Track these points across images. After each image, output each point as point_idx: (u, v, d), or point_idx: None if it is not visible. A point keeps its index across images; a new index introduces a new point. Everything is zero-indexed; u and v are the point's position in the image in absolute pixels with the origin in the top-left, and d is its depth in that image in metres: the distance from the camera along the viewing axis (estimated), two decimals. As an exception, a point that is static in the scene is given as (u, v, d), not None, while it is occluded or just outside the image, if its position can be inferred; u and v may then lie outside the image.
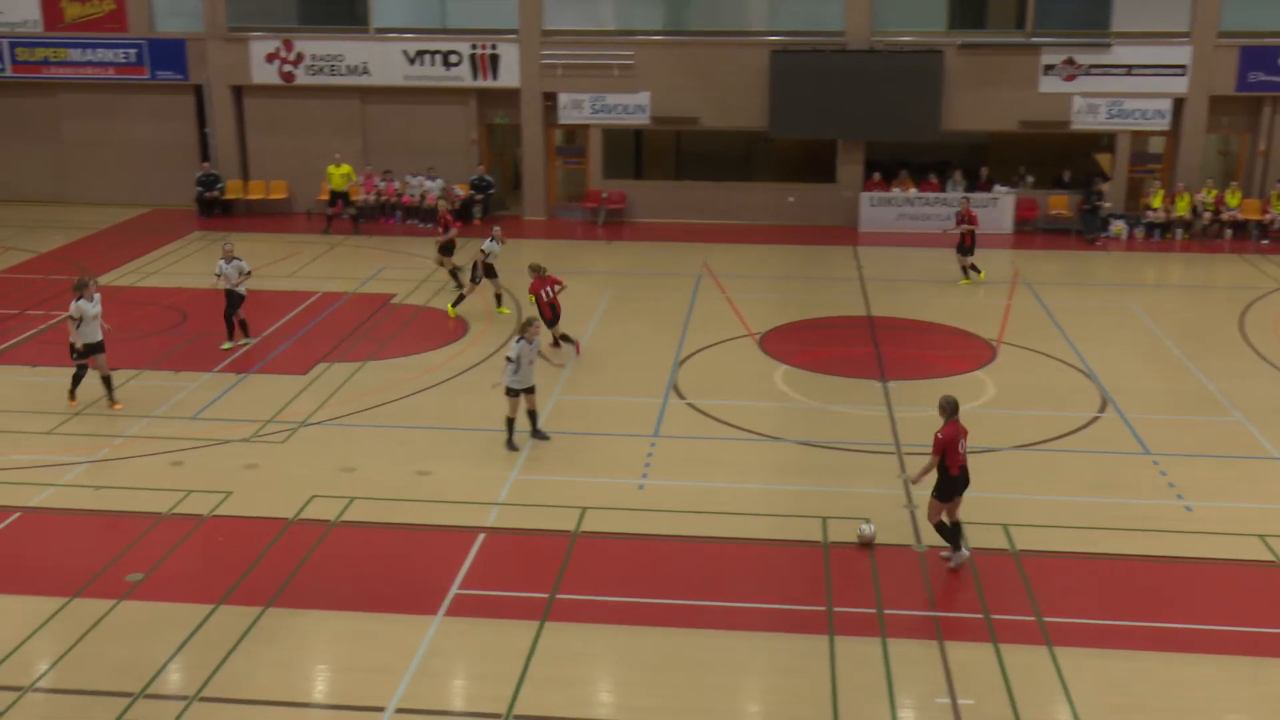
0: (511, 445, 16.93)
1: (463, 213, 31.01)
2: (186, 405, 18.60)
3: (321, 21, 32.25)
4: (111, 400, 18.47)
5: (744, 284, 25.41)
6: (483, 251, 22.92)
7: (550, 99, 31.21)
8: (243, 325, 21.27)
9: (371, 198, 31.50)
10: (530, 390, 17.08)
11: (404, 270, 26.55)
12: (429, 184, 31.26)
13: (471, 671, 11.90)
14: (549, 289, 20.68)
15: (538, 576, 13.47)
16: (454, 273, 24.52)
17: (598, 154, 31.66)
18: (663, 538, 14.39)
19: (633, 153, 33.06)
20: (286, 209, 32.51)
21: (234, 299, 21.01)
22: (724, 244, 28.83)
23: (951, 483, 13.26)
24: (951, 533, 13.53)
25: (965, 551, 13.55)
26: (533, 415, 17.28)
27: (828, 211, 31.15)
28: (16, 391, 19.21)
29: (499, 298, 23.35)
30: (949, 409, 13.32)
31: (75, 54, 32.45)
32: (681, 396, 18.95)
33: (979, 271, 25.64)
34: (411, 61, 31.26)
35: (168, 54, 32.21)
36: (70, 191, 33.24)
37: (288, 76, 31.70)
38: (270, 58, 31.61)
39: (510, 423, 16.99)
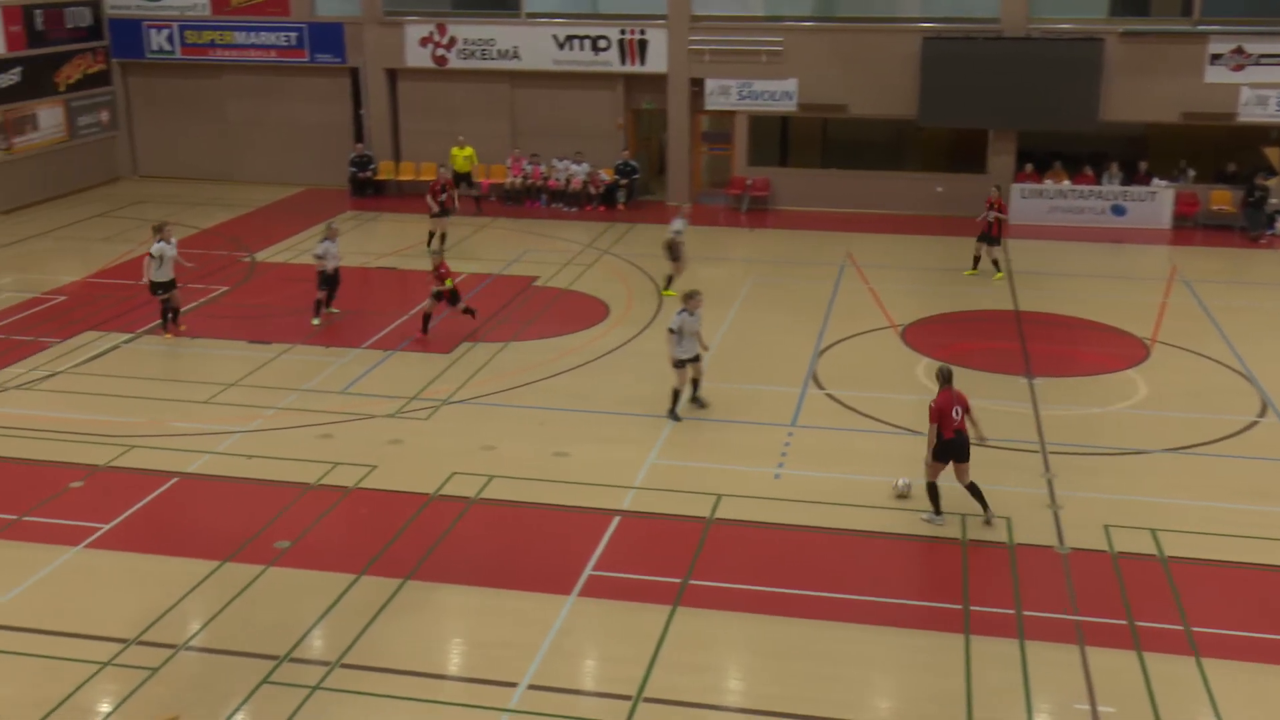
0: (674, 415, 17.34)
1: (608, 197, 31.22)
2: (336, 380, 19.14)
3: (474, 6, 32.76)
4: (177, 327, 21.18)
5: (887, 274, 25.05)
6: (675, 232, 23.25)
7: (697, 85, 31.18)
8: (321, 302, 22.02)
9: (518, 181, 31.91)
10: (696, 360, 17.56)
11: (548, 253, 26.85)
12: (575, 168, 31.54)
13: (603, 652, 12.02)
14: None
15: (671, 561, 13.53)
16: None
17: (743, 140, 31.52)
18: (797, 528, 14.31)
19: (778, 139, 32.83)
20: (436, 190, 33.12)
21: (325, 278, 21.82)
22: (868, 233, 28.46)
23: (945, 445, 13.96)
24: (935, 494, 14.19)
25: (942, 517, 14.17)
26: (695, 383, 17.76)
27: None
28: (178, 362, 20.00)
29: (670, 280, 23.41)
30: (943, 377, 14.23)
31: (240, 37, 33.57)
32: (820, 386, 18.79)
33: (998, 270, 24.89)
34: (561, 46, 31.54)
35: (326, 37, 33.10)
36: (234, 170, 34.43)
37: (440, 60, 32.29)
38: (424, 42, 32.22)
39: (676, 394, 17.44)
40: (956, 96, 29.31)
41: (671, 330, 17.14)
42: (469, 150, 31.02)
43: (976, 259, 25.11)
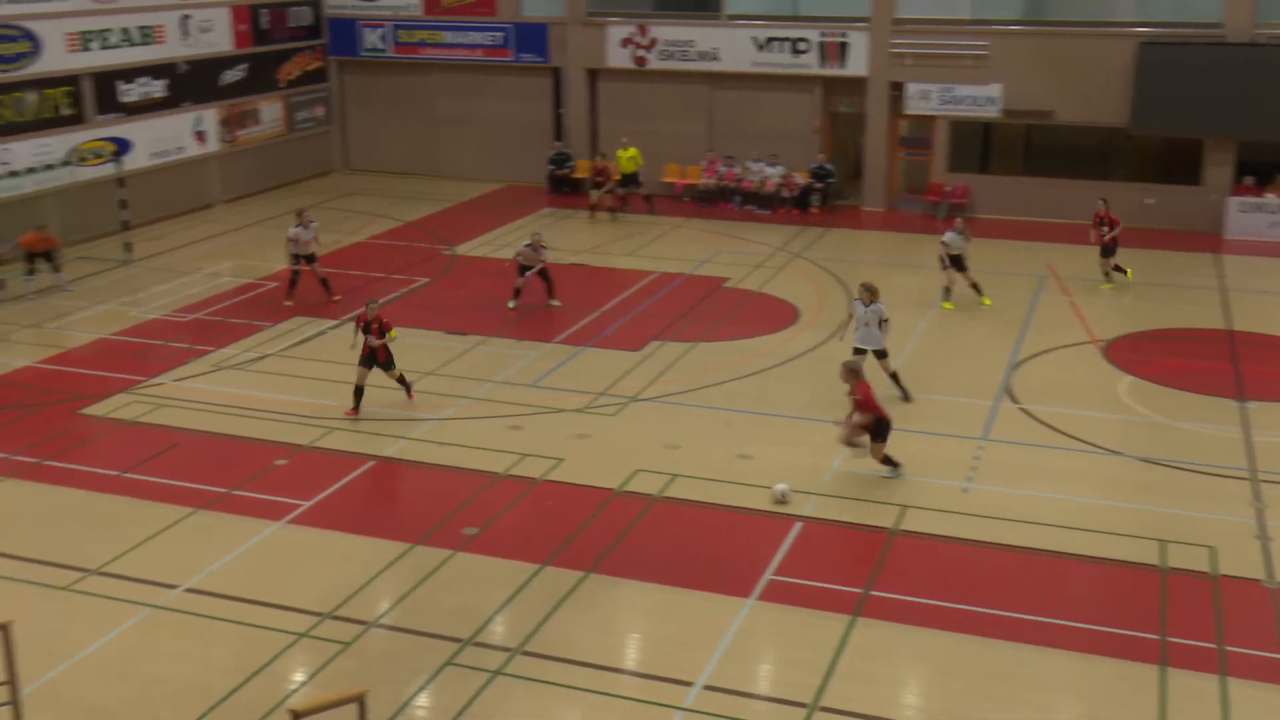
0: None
1: (801, 200, 31.03)
2: (527, 373, 19.54)
3: (676, 8, 32.98)
4: (330, 295, 23.09)
5: (1090, 287, 24.17)
6: (943, 244, 22.97)
7: (897, 88, 30.69)
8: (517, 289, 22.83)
9: (712, 182, 31.99)
10: (880, 354, 18.03)
11: (739, 255, 26.84)
12: (769, 170, 31.44)
13: (780, 657, 11.96)
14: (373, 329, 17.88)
15: (852, 570, 13.37)
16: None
17: (943, 146, 30.88)
18: (984, 544, 13.95)
19: (979, 145, 32.03)
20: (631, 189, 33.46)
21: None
22: (1071, 244, 27.50)
23: (882, 424, 15.39)
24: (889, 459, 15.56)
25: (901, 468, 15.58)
26: (894, 377, 18.06)
27: (1189, 215, 29.14)
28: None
29: (976, 288, 23.01)
30: (857, 371, 15.65)
31: (449, 36, 34.59)
32: (1015, 401, 18.26)
33: (1124, 271, 24.27)
34: (760, 48, 31.48)
35: (531, 37, 33.83)
36: (437, 165, 35.49)
37: (640, 61, 32.62)
38: (625, 42, 32.61)
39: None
40: (1173, 104, 28.05)
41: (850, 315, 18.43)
42: (633, 151, 31.19)
43: (1107, 273, 24.29)
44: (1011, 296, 23.53)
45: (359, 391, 17.73)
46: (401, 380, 18.16)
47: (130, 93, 29.09)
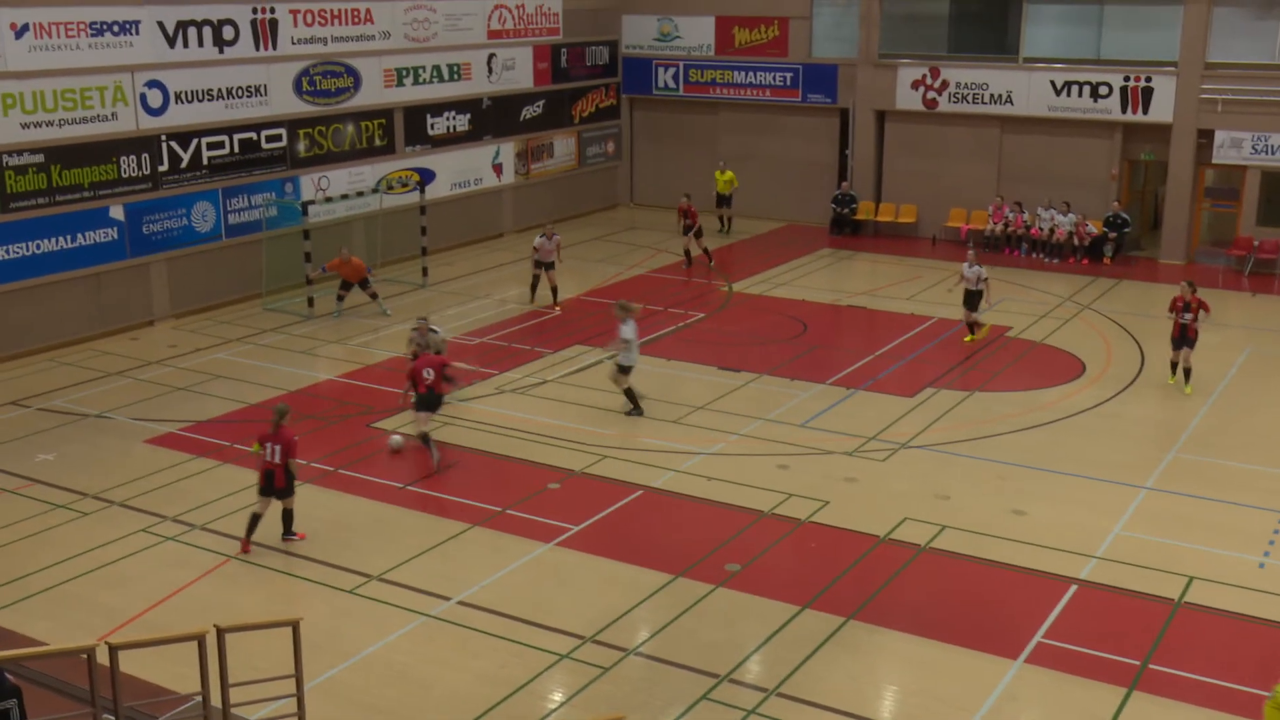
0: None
1: (1093, 249, 29.74)
2: (797, 412, 19.44)
3: (971, 50, 32.31)
4: (554, 303, 25.11)
5: None
6: (962, 277, 22.75)
7: (1205, 136, 29.02)
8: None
9: (998, 227, 31.07)
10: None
11: (1023, 303, 25.94)
12: (1060, 218, 30.27)
13: (1046, 726, 11.40)
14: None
15: (1130, 640, 12.62)
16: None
17: (1253, 198, 28.95)
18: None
19: (1295, 198, 29.90)
20: (913, 232, 32.95)
21: None
22: (1398, 308, 25.27)
23: (421, 399, 17.21)
24: (426, 439, 17.21)
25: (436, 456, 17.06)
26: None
27: None
28: (653, 381, 21.06)
29: (972, 327, 22.76)
30: (424, 343, 18.24)
31: (738, 76, 35.05)
32: (1324, 473, 16.86)
33: (1187, 382, 20.33)
34: (1058, 92, 30.42)
35: (820, 78, 33.86)
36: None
37: (930, 103, 32.09)
38: (915, 84, 32.17)
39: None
40: None
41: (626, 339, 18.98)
42: (729, 174, 33.10)
43: (1174, 365, 20.61)
44: (1325, 361, 21.77)
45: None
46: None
47: (437, 126, 30.81)
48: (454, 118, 31.27)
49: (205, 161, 25.25)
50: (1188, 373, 20.36)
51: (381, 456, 17.72)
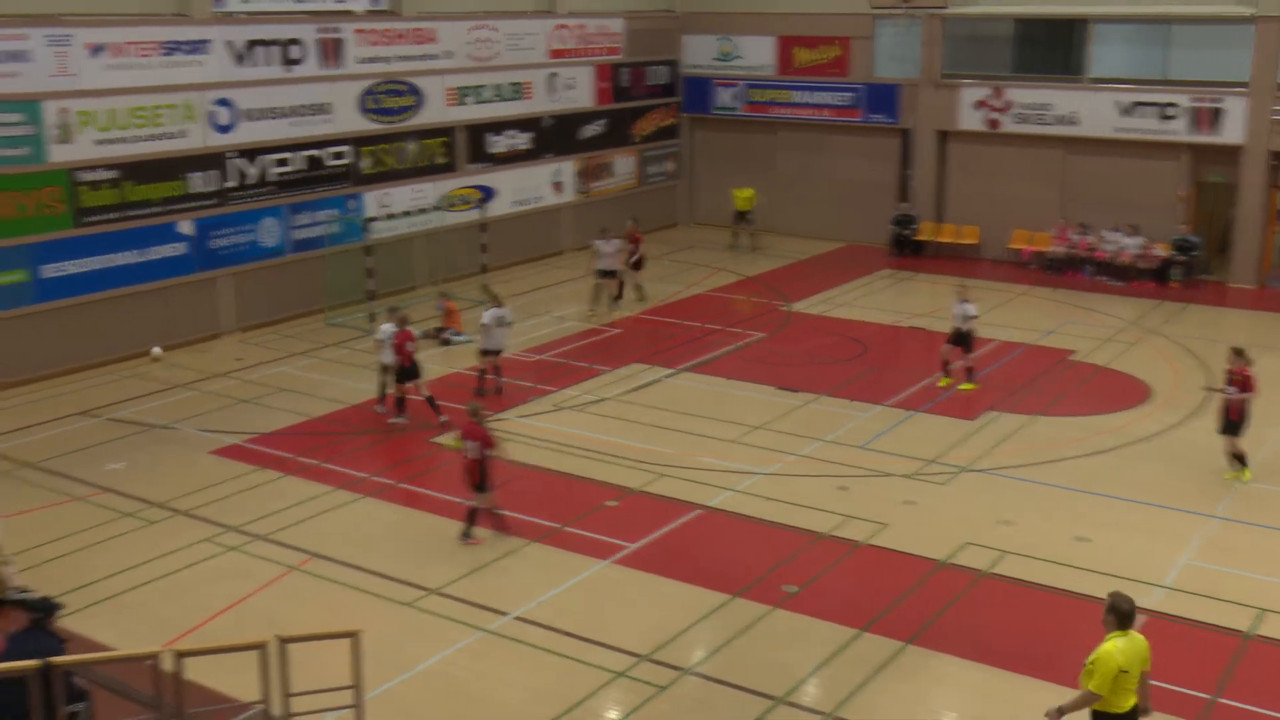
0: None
1: (1160, 273, 29.36)
2: (856, 434, 19.34)
3: (1035, 70, 32.07)
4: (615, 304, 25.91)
5: None
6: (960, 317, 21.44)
7: (1277, 158, 28.59)
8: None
9: (1062, 249, 30.76)
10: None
11: (1088, 327, 25.64)
12: (1127, 240, 29.91)
13: (1110, 757, 11.19)
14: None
15: (1198, 673, 12.39)
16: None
17: (1327, 221, 28.49)
18: (1355, 660, 12.62)
19: (1371, 222, 29.36)
20: (975, 254, 32.71)
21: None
22: None
23: (404, 371, 19.30)
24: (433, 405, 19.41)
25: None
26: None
27: None
28: (711, 400, 21.06)
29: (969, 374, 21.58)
30: (398, 319, 19.60)
31: (798, 95, 35.04)
32: (1399, 504, 16.47)
33: (1243, 466, 17.31)
34: (1124, 113, 30.11)
35: (882, 98, 33.75)
36: (777, 221, 35.76)
37: (993, 124, 31.88)
38: (979, 104, 31.98)
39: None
40: None
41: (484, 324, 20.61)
42: (749, 192, 33.73)
43: (1232, 458, 17.41)
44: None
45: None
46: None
47: (498, 144, 31.08)
48: (515, 136, 31.53)
49: (271, 178, 25.66)
50: (1240, 459, 17.33)
51: (441, 470, 17.85)
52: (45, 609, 9.86)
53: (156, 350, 20.26)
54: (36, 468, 18.05)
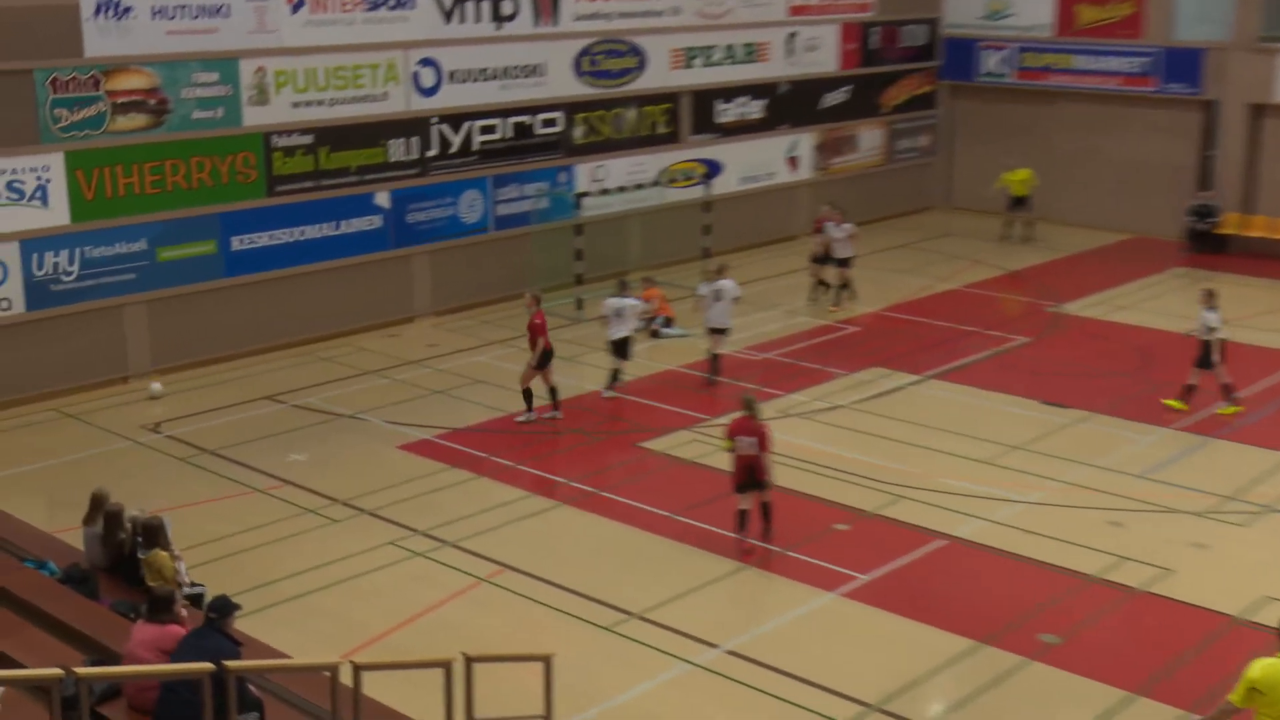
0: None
1: None
2: (1136, 460, 18.64)
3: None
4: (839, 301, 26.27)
5: None
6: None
7: None
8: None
9: (1403, 250, 28.92)
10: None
11: None
12: None
13: None
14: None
15: None
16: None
17: None
18: None
19: None
20: (1291, 252, 31.10)
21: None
22: None
23: (545, 355, 19.99)
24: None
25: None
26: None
27: None
28: (962, 413, 20.62)
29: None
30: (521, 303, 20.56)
31: (1081, 61, 33.97)
32: None
33: None
34: None
35: (1183, 64, 32.39)
36: (1050, 208, 34.59)
37: (1321, 96, 30.25)
38: (1303, 73, 30.39)
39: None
40: None
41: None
42: (1026, 173, 32.39)
43: None
44: None
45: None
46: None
47: (727, 113, 31.20)
48: (746, 104, 31.58)
49: (476, 146, 26.41)
50: None
51: (647, 480, 18.02)
52: (221, 609, 10.36)
53: (156, 387, 21.11)
54: (216, 455, 19.05)
